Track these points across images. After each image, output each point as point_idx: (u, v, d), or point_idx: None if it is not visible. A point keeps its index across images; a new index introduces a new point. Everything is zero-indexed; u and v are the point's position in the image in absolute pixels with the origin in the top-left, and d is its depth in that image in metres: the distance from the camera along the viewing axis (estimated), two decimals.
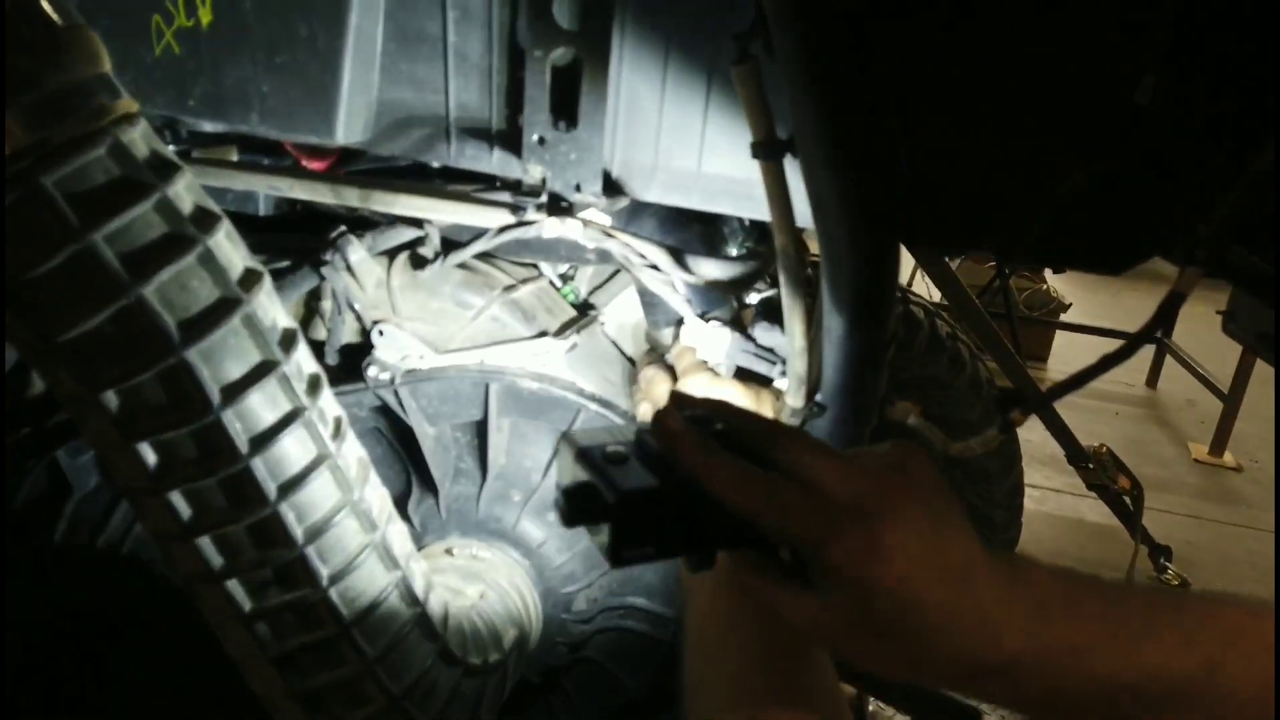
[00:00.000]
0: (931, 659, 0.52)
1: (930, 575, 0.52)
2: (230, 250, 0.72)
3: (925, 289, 3.79)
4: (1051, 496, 3.67)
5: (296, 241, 1.10)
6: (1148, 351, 5.36)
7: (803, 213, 0.89)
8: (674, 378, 1.07)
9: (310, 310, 1.14)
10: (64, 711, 1.12)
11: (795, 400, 1.01)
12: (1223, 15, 0.74)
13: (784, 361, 1.01)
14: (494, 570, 1.10)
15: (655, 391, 1.08)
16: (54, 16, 0.63)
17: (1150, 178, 0.80)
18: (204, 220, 0.70)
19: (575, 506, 0.58)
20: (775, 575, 0.58)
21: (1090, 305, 6.16)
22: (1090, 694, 0.51)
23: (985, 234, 0.86)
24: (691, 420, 0.59)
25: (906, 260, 3.45)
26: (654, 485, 0.56)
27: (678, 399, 0.62)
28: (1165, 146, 0.79)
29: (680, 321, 1.09)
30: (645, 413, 1.09)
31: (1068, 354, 5.29)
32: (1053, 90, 0.80)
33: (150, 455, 0.69)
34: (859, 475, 0.54)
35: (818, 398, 0.98)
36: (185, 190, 0.69)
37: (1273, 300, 0.79)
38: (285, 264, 1.08)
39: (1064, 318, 5.56)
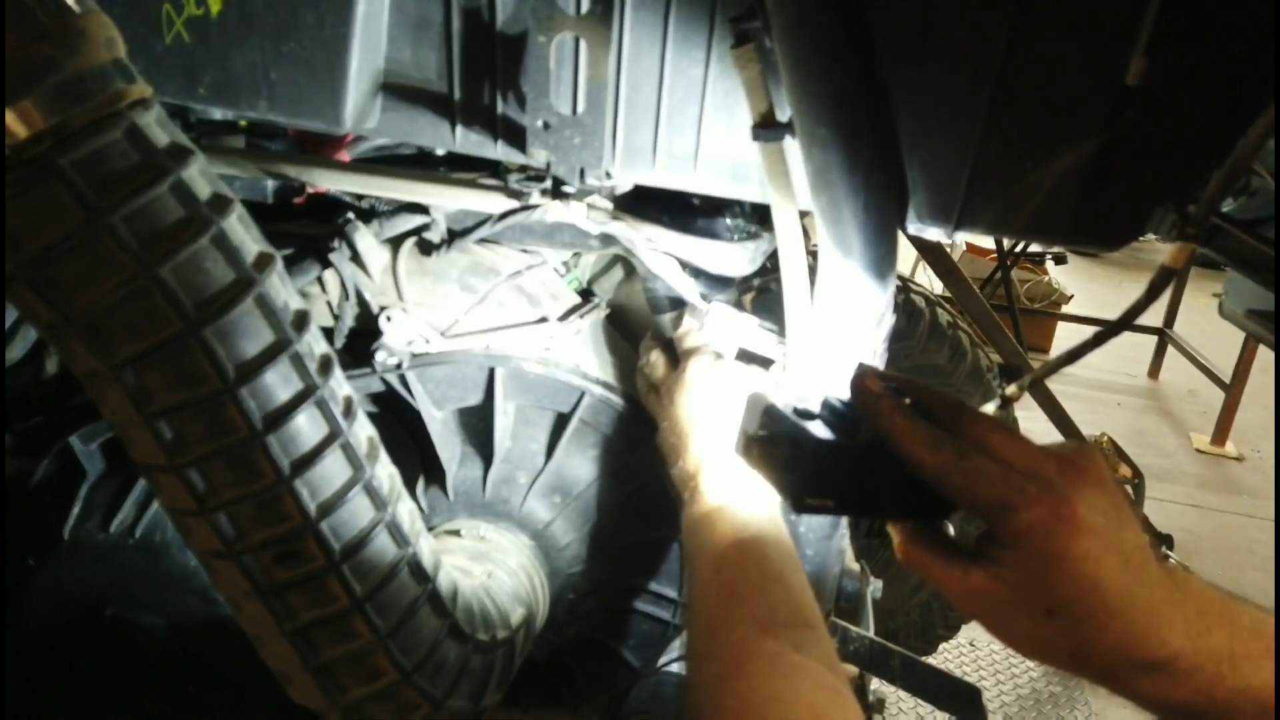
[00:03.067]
0: (1098, 643, 0.52)
1: (1113, 557, 0.52)
2: (243, 233, 0.74)
3: (927, 280, 3.80)
4: None
5: (304, 228, 1.12)
6: (1149, 342, 5.38)
7: (803, 195, 0.91)
8: (675, 360, 1.09)
9: (312, 296, 1.16)
10: (77, 695, 1.14)
11: (794, 384, 1.02)
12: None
13: (785, 343, 1.02)
14: (501, 551, 1.12)
15: (658, 375, 1.10)
16: (72, 4, 0.65)
17: (1140, 156, 0.82)
18: (217, 203, 0.72)
19: (766, 453, 0.61)
20: (938, 548, 0.59)
21: (1092, 296, 6.17)
22: (1241, 704, 0.51)
23: (979, 213, 0.88)
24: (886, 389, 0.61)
25: (909, 251, 3.46)
26: (843, 441, 0.60)
27: (869, 367, 0.63)
28: (1154, 125, 0.80)
29: (683, 304, 1.10)
30: (653, 399, 1.11)
31: (1070, 345, 5.30)
32: (1043, 70, 0.82)
33: (167, 432, 0.71)
34: (1046, 455, 0.55)
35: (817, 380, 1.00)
36: (199, 173, 0.71)
37: (1263, 277, 0.80)
38: (292, 250, 1.10)
39: (1065, 309, 5.58)
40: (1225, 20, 0.77)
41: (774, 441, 0.62)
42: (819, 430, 0.61)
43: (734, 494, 0.91)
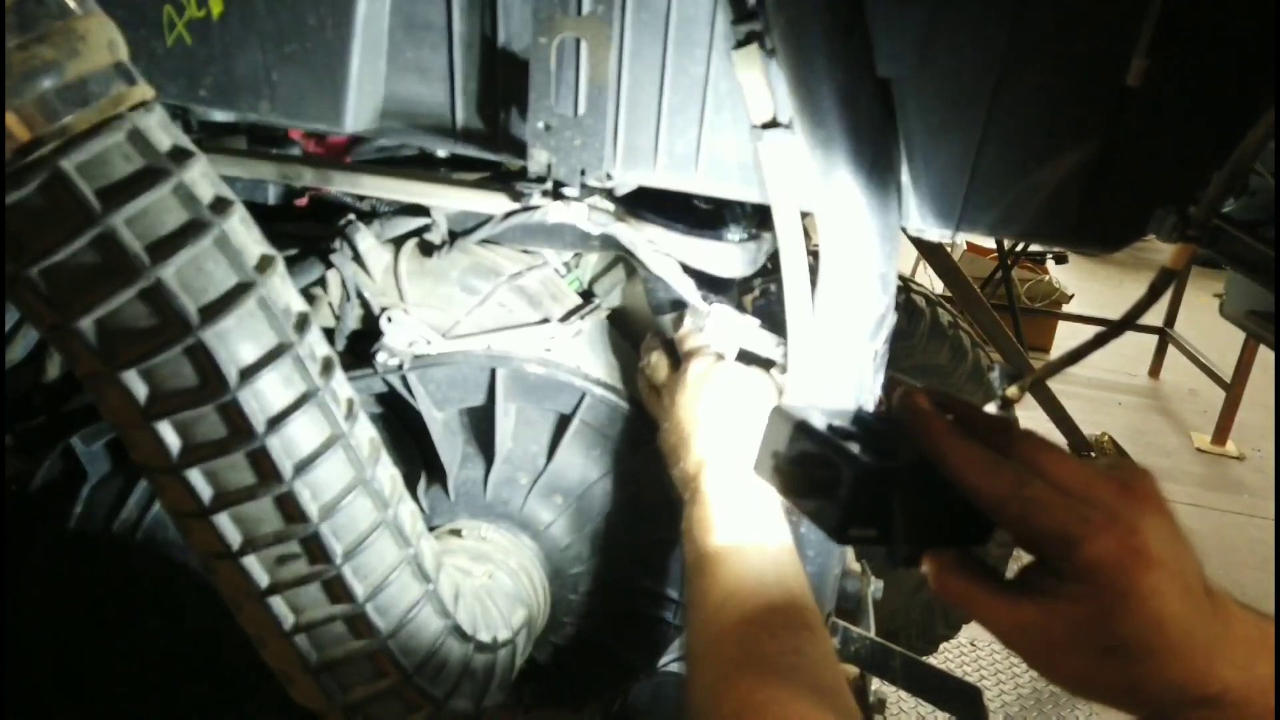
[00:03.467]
0: (1156, 681, 0.50)
1: (1177, 589, 0.49)
2: (245, 235, 0.74)
3: (927, 279, 3.80)
4: None
5: (305, 230, 1.12)
6: (1150, 341, 5.38)
7: (804, 196, 0.91)
8: (676, 361, 1.09)
9: (315, 298, 1.16)
10: (77, 693, 1.14)
11: (795, 383, 1.02)
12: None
13: (785, 343, 1.02)
14: (502, 551, 1.12)
15: (659, 376, 1.10)
16: (73, 7, 0.65)
17: (1140, 157, 0.82)
18: (219, 205, 0.72)
19: (799, 475, 0.57)
20: (981, 579, 0.55)
21: (1093, 296, 6.17)
22: None
23: (981, 214, 0.88)
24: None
25: (910, 251, 3.46)
26: (890, 464, 0.55)
27: (914, 386, 0.59)
28: (1155, 127, 0.80)
29: (684, 305, 1.10)
30: (654, 400, 1.11)
31: (1071, 345, 5.29)
32: (1043, 71, 0.82)
33: (169, 434, 0.71)
34: (1105, 480, 0.52)
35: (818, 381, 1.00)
36: (201, 175, 0.71)
37: (1262, 276, 0.80)
38: (294, 252, 1.10)
39: (1066, 309, 5.58)
40: (1225, 22, 0.77)
41: (810, 463, 0.57)
42: (865, 452, 0.55)
43: (735, 495, 0.91)
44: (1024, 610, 0.52)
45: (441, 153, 1.12)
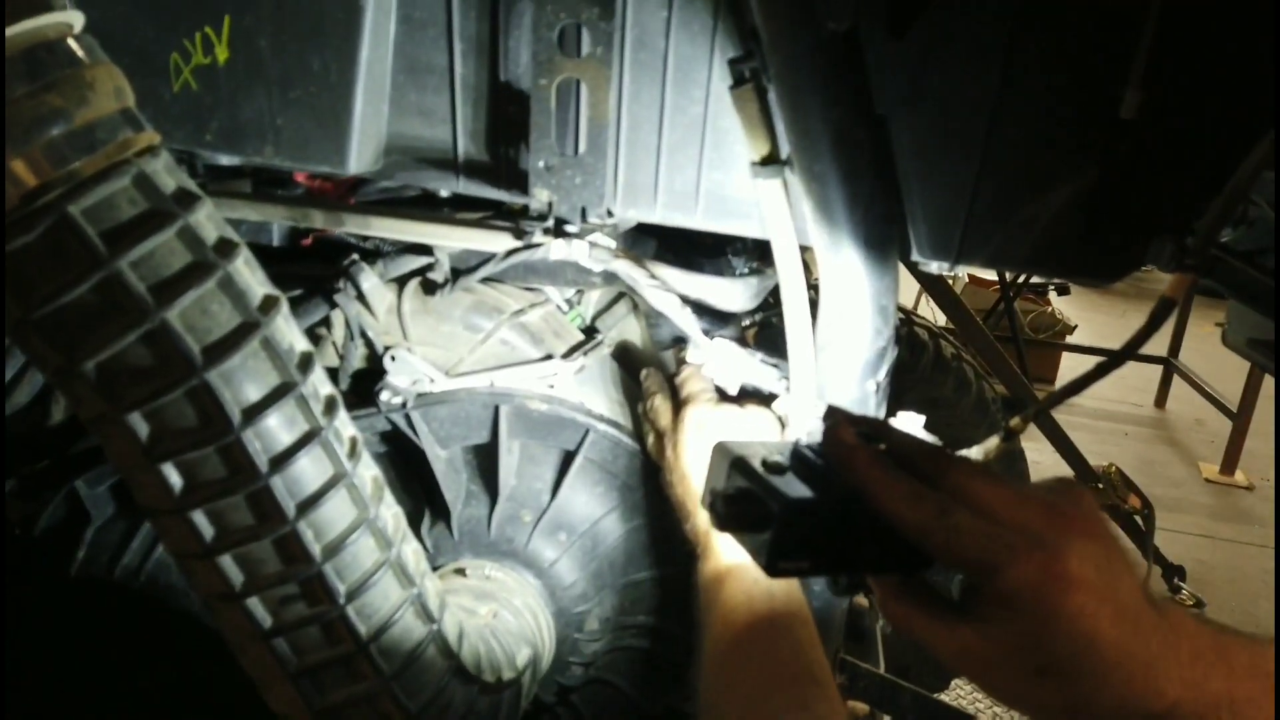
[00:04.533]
0: (1095, 701, 0.50)
1: (1106, 611, 0.50)
2: (249, 276, 0.75)
3: (930, 312, 3.81)
4: None
5: (309, 269, 1.13)
6: (1155, 372, 5.37)
7: (803, 231, 0.91)
8: (678, 404, 1.09)
9: (320, 337, 1.16)
10: None
11: (799, 417, 1.02)
12: (1205, 27, 0.77)
13: (788, 379, 1.03)
14: (506, 590, 1.11)
15: (662, 422, 1.09)
16: (82, 55, 0.66)
17: (1136, 188, 0.83)
18: (224, 247, 0.72)
19: (734, 512, 0.58)
20: (923, 603, 0.56)
21: (1095, 326, 6.17)
22: None
23: (979, 247, 0.89)
24: (860, 437, 0.58)
25: (912, 284, 3.47)
26: (817, 498, 0.56)
27: (842, 415, 0.60)
28: (1150, 158, 0.81)
29: (686, 339, 1.11)
30: (657, 448, 1.10)
31: (1075, 375, 5.29)
32: (1037, 105, 0.83)
33: (173, 475, 0.71)
34: (1033, 504, 0.52)
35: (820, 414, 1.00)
36: (206, 219, 0.72)
37: (1262, 305, 0.80)
38: (299, 292, 1.11)
39: (1070, 340, 5.57)
40: (1218, 52, 0.78)
41: (741, 499, 0.58)
42: (791, 485, 0.56)
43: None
44: (961, 633, 0.53)
45: (444, 192, 1.14)
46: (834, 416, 0.60)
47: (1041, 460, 3.31)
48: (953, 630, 0.53)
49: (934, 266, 0.93)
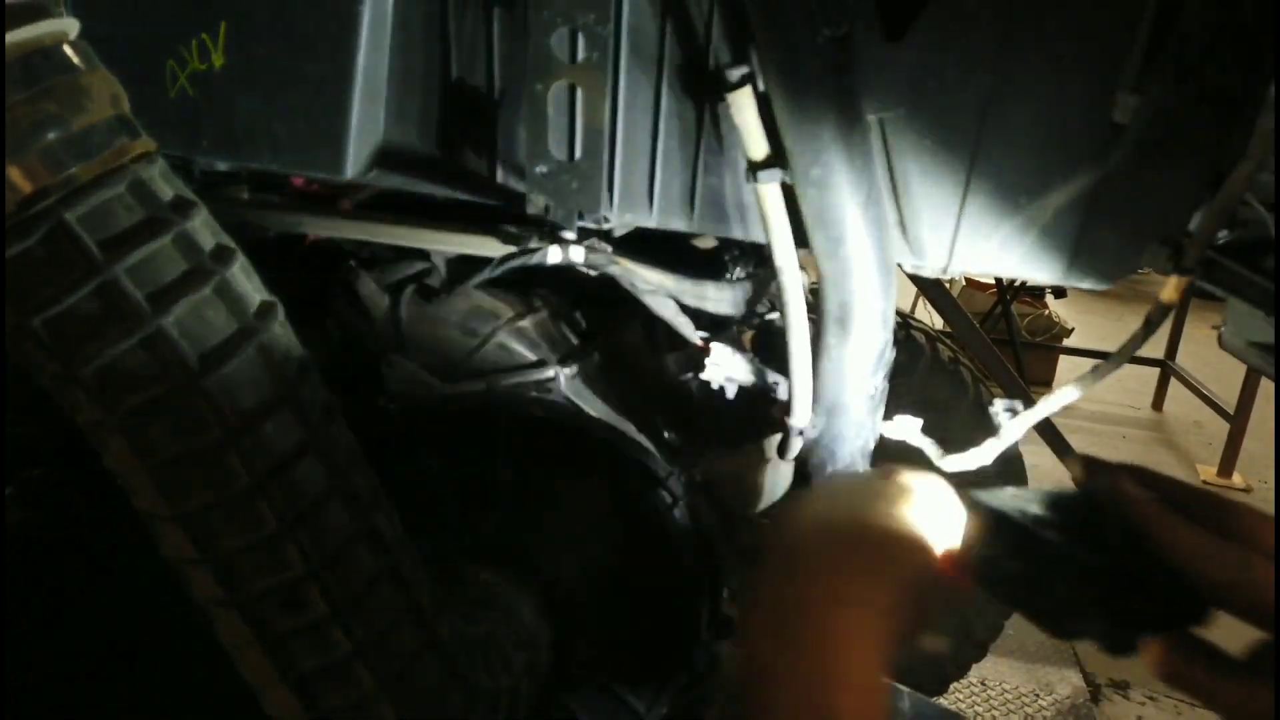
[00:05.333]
0: None
1: None
2: (245, 282, 0.75)
3: (927, 315, 3.81)
4: None
5: (306, 276, 1.13)
6: (1152, 374, 5.37)
7: (800, 234, 0.91)
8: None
9: (315, 344, 1.16)
10: None
11: (797, 420, 1.02)
12: (1199, 33, 0.77)
13: (787, 381, 1.03)
14: (504, 596, 1.11)
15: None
16: (77, 62, 0.66)
17: (1131, 192, 0.83)
18: (220, 253, 0.72)
19: (1004, 571, 0.55)
20: (1205, 660, 0.52)
21: (1092, 329, 6.18)
22: None
23: (974, 251, 0.89)
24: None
25: (909, 287, 3.47)
26: (1106, 553, 0.52)
27: (1113, 465, 0.56)
28: (1144, 161, 0.81)
29: (684, 344, 1.11)
30: None
31: (1072, 378, 5.30)
32: (1030, 109, 0.83)
33: (169, 481, 0.71)
34: None
35: (818, 416, 1.00)
36: (202, 225, 0.72)
37: (1260, 306, 0.81)
38: (295, 297, 1.11)
39: (1067, 342, 5.58)
40: (1212, 55, 0.78)
41: (1011, 557, 0.54)
42: (1071, 541, 0.53)
43: None
44: (1261, 695, 0.49)
45: (440, 197, 1.14)
46: (1102, 466, 0.56)
47: (1040, 464, 3.31)
48: (1250, 691, 0.50)
49: (930, 270, 0.93)
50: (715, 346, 1.08)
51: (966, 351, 2.65)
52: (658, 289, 1.06)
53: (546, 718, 1.24)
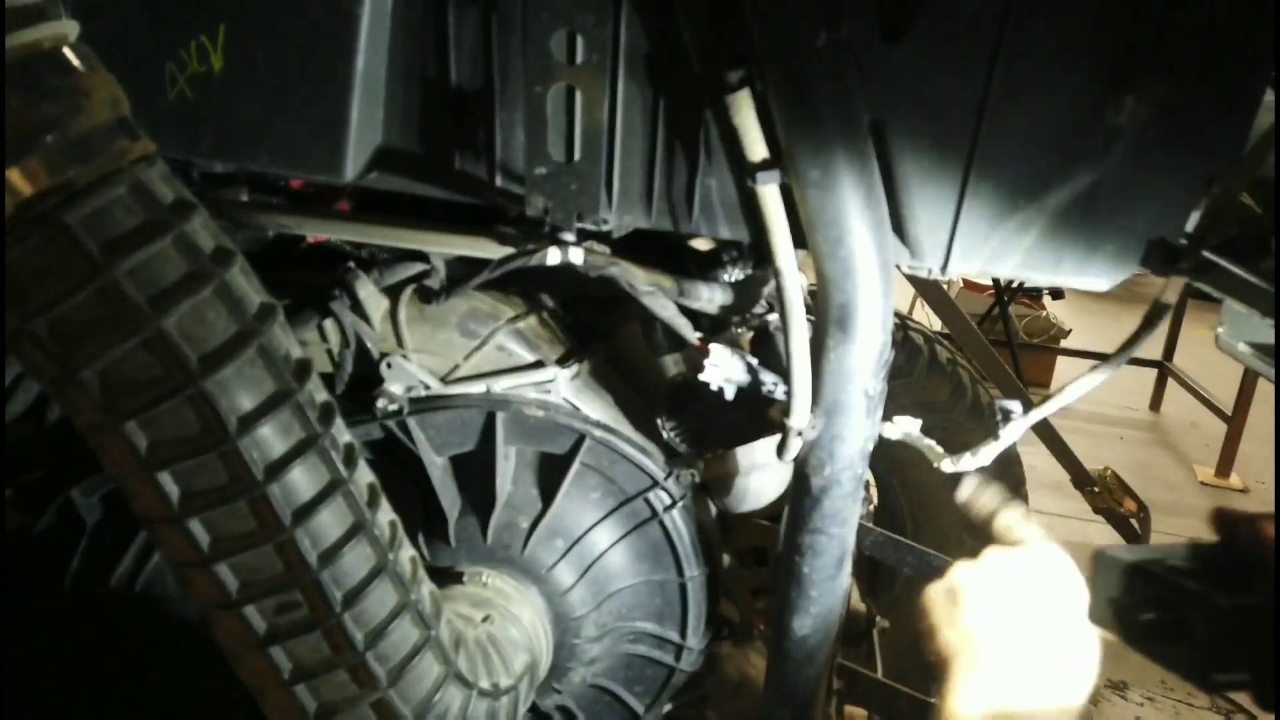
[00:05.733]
0: None
1: None
2: (245, 284, 0.74)
3: (925, 317, 3.81)
4: (1058, 522, 3.66)
5: (305, 277, 1.13)
6: (1150, 375, 5.38)
7: (799, 235, 0.92)
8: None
9: (315, 345, 1.16)
10: None
11: (797, 421, 1.02)
12: (1195, 36, 0.77)
13: (785, 382, 1.03)
14: (504, 596, 1.11)
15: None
16: (78, 65, 0.66)
17: (1128, 193, 0.83)
18: (220, 255, 0.72)
19: (1151, 624, 0.54)
20: None
21: (1090, 330, 6.18)
22: None
23: (971, 252, 0.89)
24: None
25: (907, 289, 3.47)
26: (1255, 601, 0.51)
27: (1250, 514, 0.56)
28: (1141, 162, 0.81)
29: (683, 344, 1.11)
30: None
31: (1070, 379, 5.30)
32: (1027, 111, 0.83)
33: (169, 483, 0.71)
34: None
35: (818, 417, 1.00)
36: (202, 227, 0.72)
37: (1260, 306, 0.81)
38: (294, 299, 1.11)
39: (1064, 344, 5.58)
40: (1209, 58, 0.78)
41: (1154, 608, 0.54)
42: (1219, 591, 0.52)
43: None
44: None
45: (439, 199, 1.14)
46: (1238, 515, 0.56)
47: (1037, 465, 3.31)
48: None
49: (929, 271, 0.93)
50: (714, 347, 1.08)
51: (964, 353, 2.65)
52: (657, 289, 1.06)
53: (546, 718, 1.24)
